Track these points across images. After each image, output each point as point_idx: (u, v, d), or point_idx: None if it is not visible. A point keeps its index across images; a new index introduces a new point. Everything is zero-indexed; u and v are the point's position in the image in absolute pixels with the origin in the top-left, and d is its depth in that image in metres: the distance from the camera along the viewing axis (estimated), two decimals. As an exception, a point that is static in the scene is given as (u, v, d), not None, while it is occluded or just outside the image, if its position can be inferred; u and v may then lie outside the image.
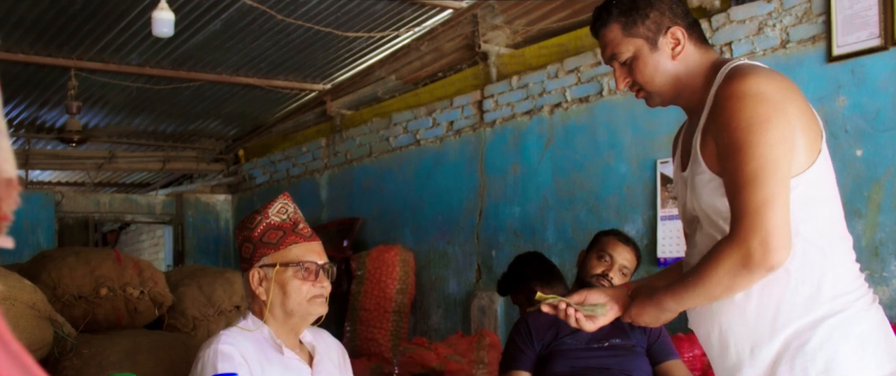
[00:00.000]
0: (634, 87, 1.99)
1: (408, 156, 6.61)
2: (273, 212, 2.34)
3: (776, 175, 1.71)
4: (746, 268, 1.70)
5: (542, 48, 5.51)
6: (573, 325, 2.04)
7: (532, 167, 5.52)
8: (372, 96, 6.99)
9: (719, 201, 1.82)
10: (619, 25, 1.93)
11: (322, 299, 2.30)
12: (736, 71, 1.83)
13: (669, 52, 1.92)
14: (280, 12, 5.49)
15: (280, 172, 8.32)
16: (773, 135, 1.72)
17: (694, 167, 1.88)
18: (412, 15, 5.84)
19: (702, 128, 1.85)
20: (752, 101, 1.74)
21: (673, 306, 1.90)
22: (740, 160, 1.72)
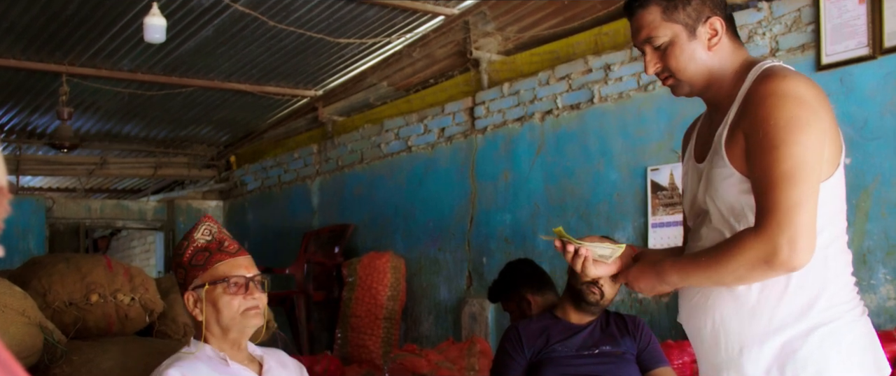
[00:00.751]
0: (664, 74, 1.94)
1: (399, 163, 6.62)
2: (198, 236, 2.40)
3: (810, 178, 1.71)
4: (768, 263, 1.70)
5: (534, 55, 5.53)
6: (577, 268, 2.00)
7: (523, 174, 5.53)
8: (363, 103, 7.00)
9: (735, 198, 1.82)
10: (660, 8, 1.89)
11: (256, 311, 2.32)
12: (774, 71, 1.83)
13: (706, 43, 1.89)
14: (272, 18, 5.50)
15: (271, 178, 8.32)
16: (810, 139, 1.72)
17: (714, 160, 1.86)
18: (404, 21, 5.86)
19: (730, 124, 1.83)
20: (792, 102, 1.74)
21: (675, 280, 1.88)
22: (776, 158, 1.71)
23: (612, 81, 4.97)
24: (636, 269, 1.98)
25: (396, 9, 5.61)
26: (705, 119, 2.02)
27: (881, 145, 3.76)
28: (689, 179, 2.01)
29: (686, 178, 2.04)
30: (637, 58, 4.81)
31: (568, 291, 3.33)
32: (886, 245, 3.70)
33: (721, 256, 1.77)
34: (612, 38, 5.01)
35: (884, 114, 3.73)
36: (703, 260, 1.81)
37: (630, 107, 4.87)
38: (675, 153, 4.62)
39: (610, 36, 5.03)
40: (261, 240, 8.45)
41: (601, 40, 5.08)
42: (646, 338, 3.32)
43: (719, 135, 1.85)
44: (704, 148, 1.93)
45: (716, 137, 1.87)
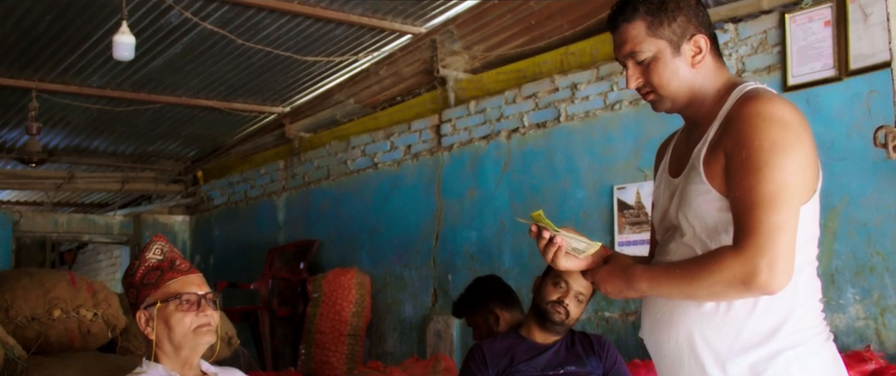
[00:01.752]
0: (645, 89, 1.92)
1: (365, 180, 6.62)
2: (150, 255, 2.41)
3: (792, 202, 1.71)
4: (745, 284, 1.69)
5: (501, 74, 5.57)
6: (547, 257, 1.94)
7: (489, 191, 5.55)
8: (330, 119, 7.00)
9: (709, 215, 1.81)
10: (645, 23, 1.86)
11: (208, 328, 2.33)
12: (758, 92, 1.82)
13: (690, 60, 1.89)
14: (240, 36, 5.50)
15: (238, 194, 8.28)
16: (794, 163, 1.72)
17: (690, 176, 1.85)
18: (371, 40, 5.88)
19: (710, 141, 1.83)
20: (777, 125, 1.74)
21: (644, 287, 1.85)
22: (758, 179, 1.71)
23: (578, 100, 5.02)
24: (606, 270, 1.94)
25: (364, 27, 5.63)
26: (682, 135, 2.02)
27: (848, 166, 3.81)
28: (661, 193, 2.00)
29: (658, 191, 2.03)
30: (604, 77, 4.86)
31: (533, 310, 3.32)
32: (855, 265, 3.75)
33: (697, 270, 1.75)
34: (579, 58, 5.06)
35: (850, 134, 3.79)
36: (678, 271, 1.80)
37: (596, 126, 4.91)
38: (641, 172, 4.67)
39: (576, 55, 5.08)
40: (226, 255, 8.39)
41: (568, 60, 5.12)
42: (611, 358, 3.31)
43: (698, 152, 1.85)
44: (680, 163, 1.93)
45: (694, 154, 1.86)
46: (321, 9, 5.29)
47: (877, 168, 3.73)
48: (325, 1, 5.23)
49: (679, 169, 1.92)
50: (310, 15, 5.33)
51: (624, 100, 4.76)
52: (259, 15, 5.31)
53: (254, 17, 5.33)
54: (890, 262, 3.66)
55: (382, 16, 5.54)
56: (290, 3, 5.16)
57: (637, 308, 4.59)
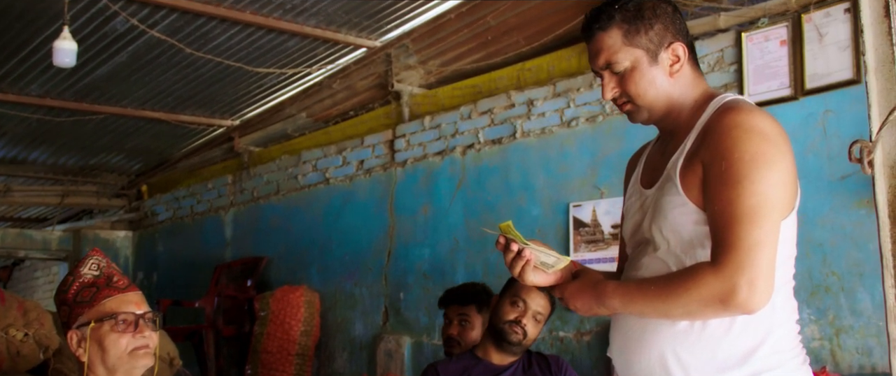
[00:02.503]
0: (621, 99, 1.86)
1: (316, 195, 6.49)
2: (85, 270, 2.26)
3: (773, 217, 1.65)
4: (724, 303, 1.61)
5: (456, 89, 5.49)
6: (514, 271, 1.85)
7: (443, 208, 5.46)
8: (281, 133, 6.86)
9: (685, 229, 1.74)
10: (621, 32, 1.81)
11: (146, 350, 2.19)
12: (738, 103, 1.77)
13: (667, 69, 1.82)
14: (189, 46, 5.35)
15: (184, 209, 8.08)
16: (775, 177, 1.66)
17: (666, 187, 1.78)
18: (325, 53, 5.76)
19: (687, 152, 1.76)
20: (758, 137, 1.67)
21: (615, 304, 1.77)
22: (739, 193, 1.64)
23: (534, 116, 4.96)
24: (575, 286, 1.85)
25: (318, 40, 5.52)
26: (657, 146, 1.95)
27: (803, 185, 3.73)
28: (632, 205, 1.93)
29: (629, 204, 1.96)
30: (560, 93, 4.81)
31: (490, 330, 3.26)
32: (810, 285, 3.73)
33: (673, 287, 1.68)
34: (535, 74, 5.01)
35: (806, 154, 3.77)
36: (653, 288, 1.72)
37: (553, 143, 4.86)
38: (597, 189, 4.62)
39: (533, 71, 5.03)
40: (171, 272, 8.18)
41: (524, 75, 5.07)
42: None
43: (674, 163, 1.78)
44: (654, 174, 1.86)
45: (670, 165, 1.79)
46: (274, 19, 5.17)
47: (832, 188, 3.72)
48: (278, 11, 5.10)
49: (653, 180, 1.86)
50: (262, 25, 5.20)
51: (580, 116, 4.71)
52: (209, 24, 5.17)
53: (204, 27, 5.19)
54: (845, 282, 3.64)
55: (336, 28, 5.43)
56: (242, 12, 5.03)
57: (592, 328, 4.53)
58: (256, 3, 4.94)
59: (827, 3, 3.74)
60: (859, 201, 3.59)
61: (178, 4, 4.79)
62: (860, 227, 3.60)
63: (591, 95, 4.66)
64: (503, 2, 4.93)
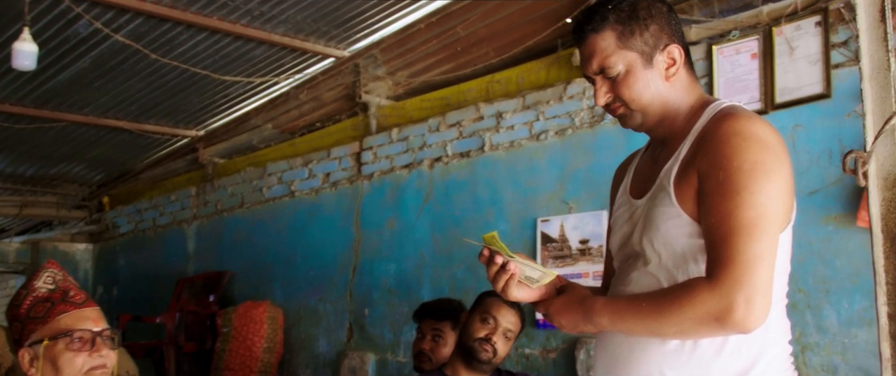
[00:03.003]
0: (615, 104, 1.78)
1: (281, 208, 6.38)
2: (39, 284, 2.14)
3: (772, 230, 1.57)
4: (720, 321, 1.52)
5: (424, 101, 5.43)
6: (497, 286, 1.75)
7: (410, 222, 5.38)
8: (247, 145, 6.75)
9: (678, 242, 1.66)
10: (615, 34, 1.73)
11: (103, 370, 2.07)
12: (736, 110, 1.70)
13: (663, 72, 1.75)
14: (154, 52, 5.23)
15: (146, 221, 7.93)
16: (775, 188, 1.59)
17: (658, 198, 1.70)
18: (292, 62, 5.68)
19: (682, 160, 1.68)
20: (758, 146, 1.60)
21: (604, 322, 1.67)
22: (737, 204, 1.56)
23: (503, 129, 4.90)
24: (561, 301, 1.75)
25: (285, 48, 5.44)
26: (647, 154, 1.88)
27: (769, 200, 3.76)
28: (620, 217, 1.84)
29: (617, 215, 1.87)
30: (530, 106, 4.76)
31: (458, 348, 3.19)
32: (775, 299, 3.69)
33: (667, 304, 1.58)
34: (504, 86, 4.95)
35: (772, 168, 3.75)
36: (645, 305, 1.62)
37: (521, 157, 4.80)
38: (566, 204, 4.56)
39: (502, 84, 4.97)
40: (131, 286, 8.02)
41: (493, 88, 5.01)
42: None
43: (668, 172, 1.70)
44: (645, 184, 1.78)
45: (663, 173, 1.71)
46: (242, 26, 5.08)
47: (800, 203, 3.61)
48: (245, 18, 5.02)
49: (643, 190, 1.78)
50: (229, 32, 5.11)
51: (549, 130, 4.66)
52: (175, 29, 5.06)
53: (169, 32, 5.09)
54: (811, 299, 3.60)
55: (305, 37, 5.35)
56: (209, 18, 4.94)
57: (558, 345, 4.46)
58: (224, 9, 4.85)
59: (798, 17, 3.73)
60: (827, 217, 3.56)
61: (143, 8, 4.69)
62: (827, 243, 3.56)
63: (561, 108, 4.62)
64: (473, 12, 4.88)
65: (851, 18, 3.57)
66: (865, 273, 3.44)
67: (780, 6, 3.78)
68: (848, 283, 3.50)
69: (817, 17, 3.67)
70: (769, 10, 3.81)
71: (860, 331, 3.45)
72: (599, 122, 4.42)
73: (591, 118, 4.47)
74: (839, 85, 3.59)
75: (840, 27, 3.62)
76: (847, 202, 3.51)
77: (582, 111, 4.51)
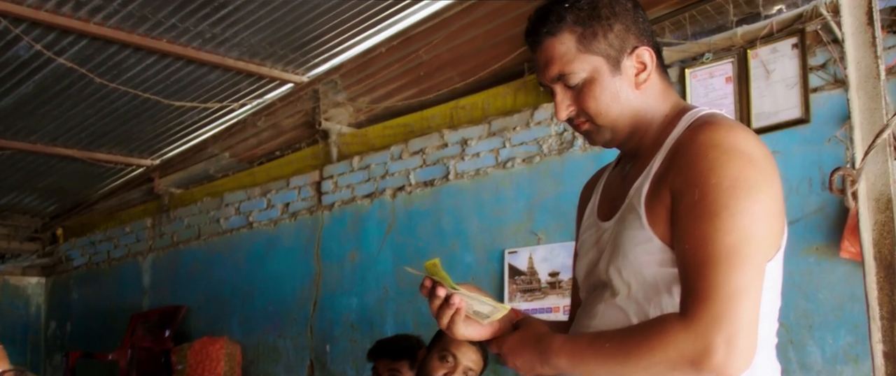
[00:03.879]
0: (579, 119, 1.55)
1: (239, 240, 6.13)
2: None
3: (757, 258, 1.34)
4: (696, 366, 1.28)
5: (387, 128, 5.22)
6: (442, 322, 1.54)
7: (372, 254, 5.15)
8: (203, 174, 6.49)
9: (649, 270, 1.44)
10: (575, 36, 1.50)
11: None
12: (715, 118, 1.47)
13: (632, 79, 1.53)
14: (101, 76, 4.98)
15: (100, 254, 7.63)
16: (760, 208, 1.35)
17: (628, 219, 1.47)
18: (249, 87, 5.44)
19: (654, 176, 1.46)
20: (740, 159, 1.37)
21: (562, 364, 1.45)
22: (717, 226, 1.33)
23: (468, 157, 4.70)
24: (515, 339, 1.54)
25: (240, 73, 5.20)
26: (616, 170, 1.66)
27: (746, 231, 3.58)
28: (587, 241, 1.62)
29: (583, 239, 1.65)
30: (495, 133, 4.56)
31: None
32: (754, 336, 3.50)
33: (633, 345, 1.34)
34: (469, 112, 4.76)
35: (749, 197, 3.57)
36: (608, 346, 1.38)
37: (487, 185, 4.59)
38: (534, 235, 4.35)
39: (467, 109, 4.78)
40: (85, 321, 7.71)
41: (458, 113, 4.81)
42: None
43: (638, 189, 1.48)
44: (614, 204, 1.56)
45: (632, 191, 1.49)
46: (193, 50, 4.84)
47: (781, 234, 3.51)
48: (197, 41, 4.78)
49: (611, 211, 1.55)
50: (180, 56, 4.87)
51: (516, 157, 4.47)
52: (123, 53, 4.82)
53: (116, 56, 4.84)
54: (794, 335, 3.42)
55: (260, 61, 5.12)
56: (158, 40, 4.70)
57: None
58: (173, 31, 4.61)
59: (774, 39, 3.57)
60: (807, 248, 3.39)
61: (87, 30, 4.45)
62: (809, 276, 3.38)
63: (528, 135, 4.43)
64: (436, 35, 4.68)
65: (829, 40, 3.42)
66: (849, 306, 3.27)
67: (755, 28, 3.62)
68: (831, 318, 3.32)
69: (794, 38, 3.52)
70: (743, 31, 3.65)
71: (846, 368, 3.27)
72: (568, 149, 4.23)
73: (559, 145, 4.28)
74: (818, 109, 3.43)
75: (818, 49, 3.47)
76: (829, 231, 3.33)
77: (550, 137, 4.32)
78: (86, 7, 4.29)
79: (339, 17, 4.64)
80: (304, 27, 4.71)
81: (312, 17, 4.60)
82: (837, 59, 3.39)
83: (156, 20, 4.46)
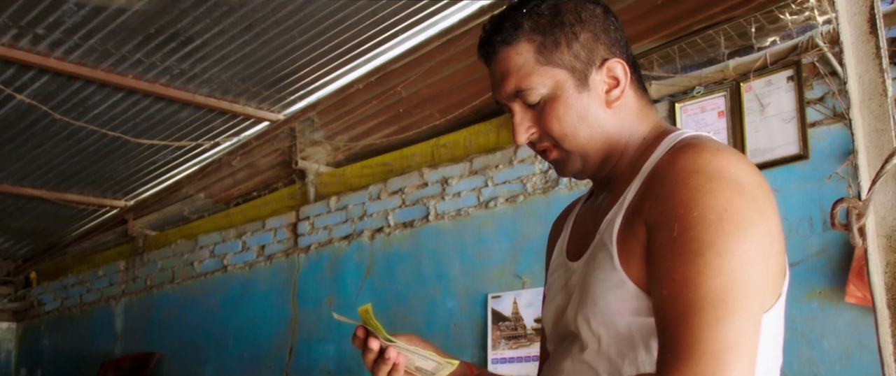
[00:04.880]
0: (542, 144, 1.33)
1: (213, 284, 5.87)
2: None
3: (750, 306, 1.10)
4: None
5: (365, 167, 5.00)
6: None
7: (349, 299, 4.90)
8: (178, 216, 6.25)
9: (621, 320, 1.21)
10: (533, 46, 1.28)
11: None
12: (699, 140, 1.25)
13: (603, 96, 1.30)
14: (66, 114, 4.77)
15: (72, 298, 7.35)
16: (754, 247, 1.12)
17: (598, 260, 1.25)
18: (223, 125, 5.23)
19: (628, 208, 1.23)
20: (728, 188, 1.14)
21: None
22: (701, 268, 1.10)
23: (449, 196, 4.47)
24: None
25: (213, 111, 4.99)
26: (588, 203, 1.43)
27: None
28: (555, 284, 1.40)
29: (551, 281, 1.42)
30: (477, 171, 4.35)
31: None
32: None
33: None
34: (451, 150, 4.54)
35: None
36: None
37: (469, 226, 4.37)
38: (519, 278, 4.12)
39: (448, 147, 4.56)
40: (56, 368, 7.41)
41: (438, 151, 4.60)
42: None
43: (609, 223, 1.25)
44: (583, 242, 1.33)
45: (603, 225, 1.26)
46: (161, 86, 4.63)
47: (780, 277, 3.28)
48: (165, 77, 4.57)
49: (581, 249, 1.32)
50: (148, 92, 4.65)
51: (499, 196, 4.25)
52: (87, 89, 4.60)
53: (81, 92, 4.62)
54: (796, 385, 3.20)
55: (233, 98, 4.91)
56: (124, 76, 4.49)
57: (513, 436, 3.99)
58: (138, 66, 4.40)
59: (768, 72, 3.38)
60: (811, 292, 3.17)
61: (47, 65, 4.23)
62: (812, 322, 3.16)
63: (511, 173, 4.21)
64: (415, 71, 4.48)
65: (827, 72, 3.23)
66: (857, 355, 3.05)
67: (748, 60, 3.44)
68: (838, 367, 3.10)
69: (789, 71, 3.33)
70: (736, 64, 3.47)
71: (852, 425, 3.03)
72: (553, 188, 4.01)
73: (544, 183, 4.06)
74: (817, 145, 3.23)
75: (815, 82, 3.28)
76: (833, 274, 3.12)
77: (534, 176, 4.11)
78: (45, 41, 4.08)
79: (314, 53, 4.44)
80: (278, 63, 4.51)
81: (286, 53, 4.40)
82: (836, 92, 3.20)
83: (120, 55, 4.25)
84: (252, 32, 4.16)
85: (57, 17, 3.88)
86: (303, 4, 3.96)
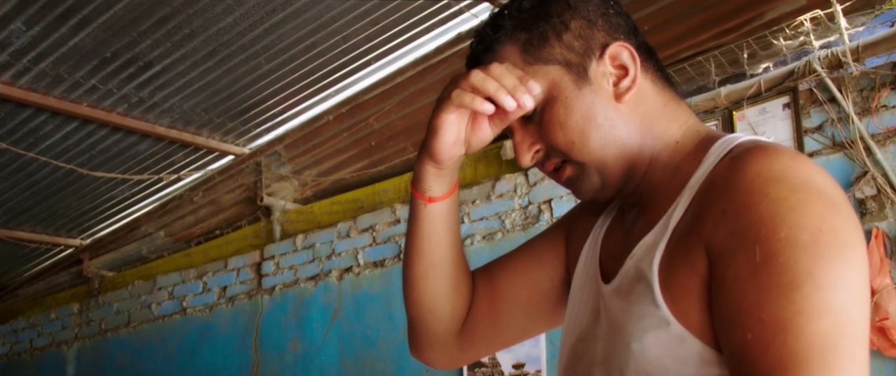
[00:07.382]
0: (552, 161, 1.06)
1: (171, 327, 5.56)
2: None
3: (862, 353, 0.82)
4: None
5: (335, 203, 4.75)
6: None
7: (315, 343, 4.62)
8: (137, 255, 5.94)
9: (660, 367, 0.91)
10: (518, 47, 1.04)
11: None
12: (766, 147, 0.94)
13: (610, 88, 1.04)
14: (15, 145, 4.49)
15: (22, 343, 6.98)
16: (857, 274, 0.84)
17: (635, 294, 0.96)
18: (184, 159, 4.96)
19: (673, 231, 0.96)
20: (820, 202, 0.86)
21: None
22: (799, 307, 0.81)
23: (422, 234, 4.23)
24: None
25: (174, 143, 4.74)
26: (614, 217, 1.16)
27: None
28: (581, 300, 1.12)
29: (576, 297, 1.14)
30: (452, 207, 4.12)
31: None
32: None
33: None
34: (424, 184, 4.31)
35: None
36: None
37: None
38: (493, 321, 3.87)
39: (421, 181, 4.33)
40: (3, 419, 7.02)
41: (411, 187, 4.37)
42: None
43: (648, 250, 0.97)
44: (610, 265, 1.06)
45: (639, 251, 0.98)
46: (118, 115, 4.38)
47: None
48: (122, 106, 4.32)
49: (609, 273, 1.04)
50: (104, 122, 4.39)
51: (476, 234, 4.02)
52: (38, 118, 4.34)
53: (31, 121, 4.36)
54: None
55: (196, 130, 4.66)
56: (78, 105, 4.23)
57: None
58: (93, 94, 4.15)
59: (762, 99, 3.19)
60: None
61: (-8, 91, 3.97)
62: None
63: (489, 209, 3.99)
64: (387, 102, 4.26)
65: (826, 99, 3.05)
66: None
67: (741, 87, 3.26)
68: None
69: (785, 98, 3.15)
70: (728, 91, 3.28)
71: None
72: (534, 224, 3.79)
73: (523, 219, 3.84)
74: (816, 176, 3.03)
75: (812, 110, 3.09)
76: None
77: (513, 211, 3.88)
78: (-9, 64, 3.83)
79: (281, 82, 4.21)
80: (243, 92, 4.27)
81: (252, 81, 4.17)
82: (835, 119, 3.02)
83: (73, 80, 4.00)
84: (216, 59, 3.93)
85: (3, 38, 3.63)
86: (270, 29, 3.74)
